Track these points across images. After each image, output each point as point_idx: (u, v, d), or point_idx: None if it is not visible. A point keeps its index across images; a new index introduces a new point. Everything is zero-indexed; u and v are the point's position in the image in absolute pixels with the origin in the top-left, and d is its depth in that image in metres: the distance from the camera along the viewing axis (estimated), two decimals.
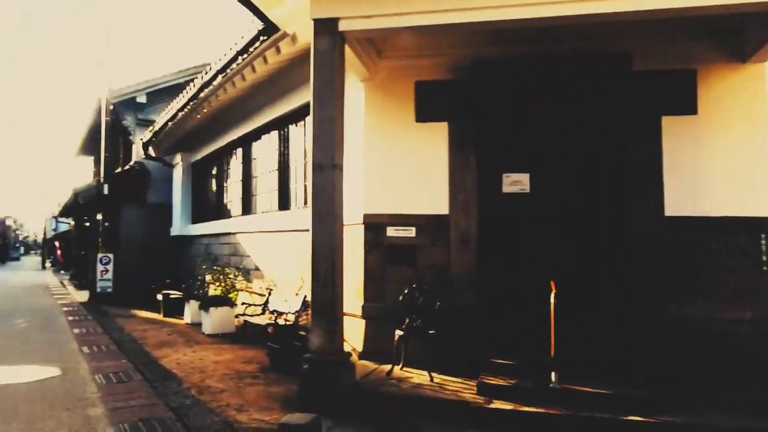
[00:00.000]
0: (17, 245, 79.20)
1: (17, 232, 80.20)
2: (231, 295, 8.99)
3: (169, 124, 11.08)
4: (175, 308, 10.62)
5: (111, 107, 13.61)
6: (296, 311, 7.13)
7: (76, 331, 8.96)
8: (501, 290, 5.85)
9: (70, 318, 10.64)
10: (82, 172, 28.39)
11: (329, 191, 4.83)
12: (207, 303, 8.53)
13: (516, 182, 6.00)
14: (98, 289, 13.07)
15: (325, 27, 4.91)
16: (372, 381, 5.25)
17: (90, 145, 20.55)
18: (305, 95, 7.72)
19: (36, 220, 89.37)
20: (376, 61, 6.17)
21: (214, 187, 11.90)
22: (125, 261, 13.53)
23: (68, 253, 33.75)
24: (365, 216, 6.22)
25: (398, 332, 5.52)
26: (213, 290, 10.06)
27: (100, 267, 13.09)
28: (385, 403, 4.81)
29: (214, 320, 8.36)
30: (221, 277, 9.53)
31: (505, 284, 5.86)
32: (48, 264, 46.05)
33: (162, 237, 13.66)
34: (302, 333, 6.47)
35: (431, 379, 5.23)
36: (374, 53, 6.06)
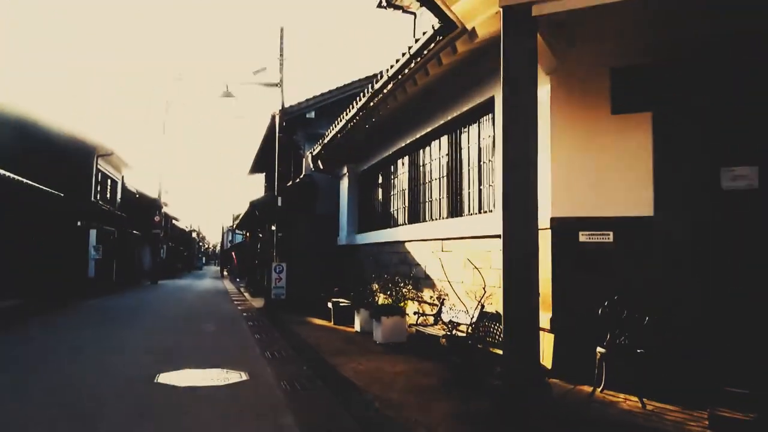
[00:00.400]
0: (200, 255, 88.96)
1: (200, 244, 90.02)
2: (400, 305, 8.87)
3: (338, 136, 11.41)
4: (344, 316, 10.81)
5: (283, 124, 14.43)
6: (473, 323, 6.74)
7: (257, 336, 9.42)
8: (727, 304, 4.94)
9: (250, 323, 11.31)
10: (255, 188, 30.84)
11: (524, 191, 4.38)
12: (378, 312, 8.47)
13: (740, 176, 5.06)
14: (272, 296, 13.83)
15: (516, 14, 4.50)
16: (572, 403, 4.66)
17: (262, 162, 22.17)
18: (477, 95, 7.42)
19: (215, 232, 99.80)
20: (565, 50, 5.61)
21: (380, 196, 12.01)
22: (297, 269, 14.21)
23: (243, 262, 36.86)
24: (552, 220, 5.66)
25: (599, 350, 4.87)
26: (382, 299, 10.06)
27: (274, 275, 13.86)
28: (593, 430, 4.21)
29: (385, 329, 8.27)
30: (390, 285, 9.46)
31: (731, 297, 4.94)
32: (225, 272, 50.90)
33: (330, 246, 14.13)
34: (480, 346, 6.07)
35: (643, 406, 4.51)
36: (563, 41, 5.51)
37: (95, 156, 20.79)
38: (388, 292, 9.26)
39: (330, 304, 11.25)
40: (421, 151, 9.69)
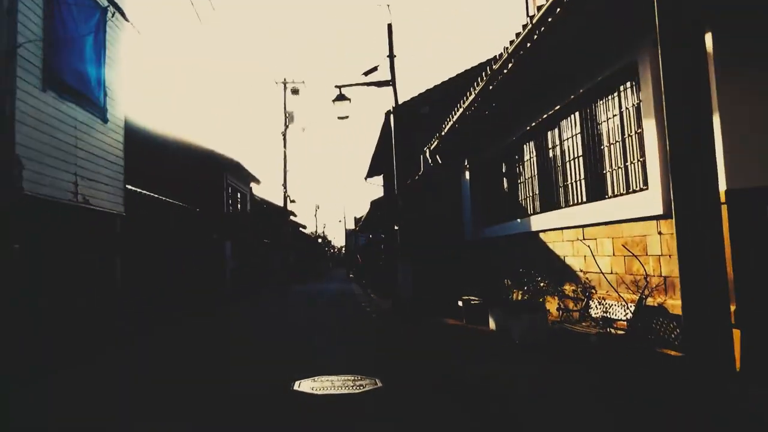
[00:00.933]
0: (327, 260, 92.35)
1: (326, 248, 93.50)
2: (539, 300, 8.14)
3: (456, 127, 10.88)
4: (476, 315, 10.25)
5: (397, 121, 14.14)
6: (631, 318, 5.90)
7: (387, 338, 9.16)
8: None
9: (379, 324, 11.12)
10: (375, 190, 31.09)
11: (698, 161, 3.59)
12: (514, 309, 7.82)
13: None
14: (400, 297, 13.59)
15: None
16: None
17: (379, 164, 22.15)
18: (615, 61, 6.54)
19: (339, 236, 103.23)
20: None
21: (505, 186, 11.30)
22: (422, 268, 13.87)
23: (368, 263, 37.42)
24: (729, 193, 4.73)
25: None
26: (516, 295, 9.38)
27: (400, 276, 13.61)
28: None
29: (523, 328, 7.60)
30: (524, 280, 8.75)
31: None
32: (351, 275, 52.17)
33: (455, 243, 13.63)
34: (643, 346, 5.26)
35: None
36: None
37: (224, 170, 21.98)
38: (524, 288, 8.56)
39: (460, 303, 10.74)
40: (549, 132, 8.88)
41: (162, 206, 14.33)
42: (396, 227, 14.04)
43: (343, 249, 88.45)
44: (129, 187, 11.57)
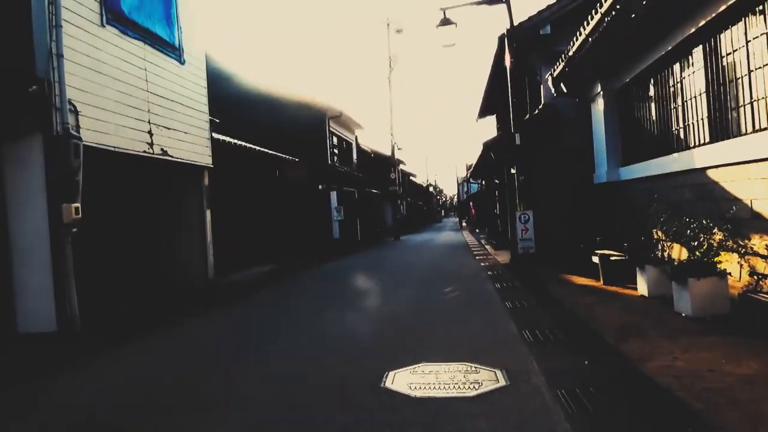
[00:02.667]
0: (438, 208, 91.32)
1: (437, 197, 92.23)
2: (714, 260, 6.10)
3: (587, 43, 8.71)
4: (617, 273, 8.36)
5: (513, 45, 12.04)
6: None
7: (508, 304, 7.57)
8: None
9: (497, 285, 9.53)
10: (486, 133, 28.92)
11: None
12: (682, 271, 5.86)
13: None
14: (519, 250, 11.86)
15: None
16: None
17: (491, 102, 20.00)
18: None
19: (450, 184, 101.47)
20: None
21: (653, 113, 8.99)
22: (544, 217, 12.01)
23: (481, 212, 35.58)
24: None
25: None
26: (671, 251, 7.35)
27: (519, 226, 11.84)
28: None
29: (695, 296, 5.66)
30: (687, 232, 6.71)
31: None
32: (464, 223, 50.55)
33: (584, 186, 11.54)
34: None
35: None
36: None
37: (326, 119, 20.99)
38: (689, 242, 6.53)
39: (596, 259, 8.86)
40: (722, 35, 6.56)
41: (259, 156, 13.52)
42: (513, 170, 12.18)
43: (455, 198, 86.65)
44: (217, 136, 10.70)
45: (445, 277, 11.11)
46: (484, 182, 32.10)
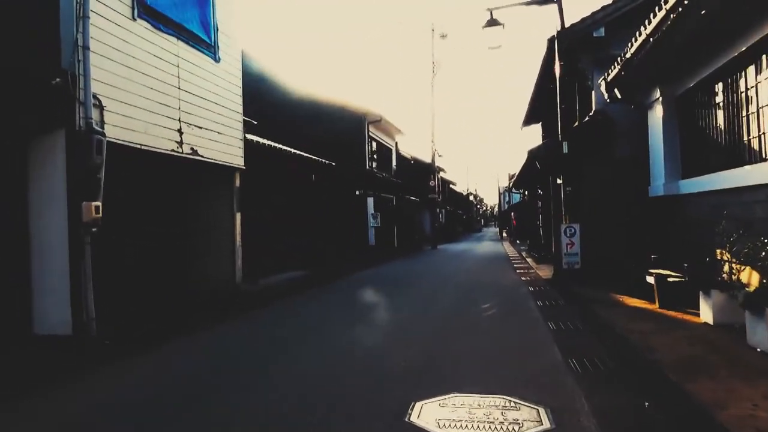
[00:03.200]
0: (478, 218, 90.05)
1: (477, 206, 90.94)
2: None
3: (647, 44, 7.99)
4: (676, 297, 7.60)
5: (563, 48, 11.34)
6: None
7: (552, 325, 6.91)
8: None
9: (539, 303, 8.85)
10: (531, 143, 28.02)
11: None
12: (759, 298, 5.11)
13: None
14: (564, 265, 11.12)
15: None
16: None
17: (538, 109, 19.22)
18: None
19: (491, 193, 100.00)
20: None
21: (720, 121, 8.16)
22: (592, 231, 11.25)
23: (522, 223, 34.57)
24: None
25: None
26: (744, 276, 6.55)
27: (564, 239, 11.10)
28: None
29: None
30: (762, 254, 5.94)
31: None
32: (504, 234, 49.42)
33: (636, 200, 10.72)
34: None
35: None
36: None
37: (365, 123, 20.60)
38: (758, 264, 5.77)
39: (651, 279, 8.09)
40: None
41: (293, 159, 13.17)
42: (559, 180, 11.46)
43: (496, 207, 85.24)
44: (250, 137, 10.37)
45: (483, 292, 10.46)
46: (526, 193, 31.17)
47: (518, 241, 35.02)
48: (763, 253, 5.91)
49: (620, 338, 5.98)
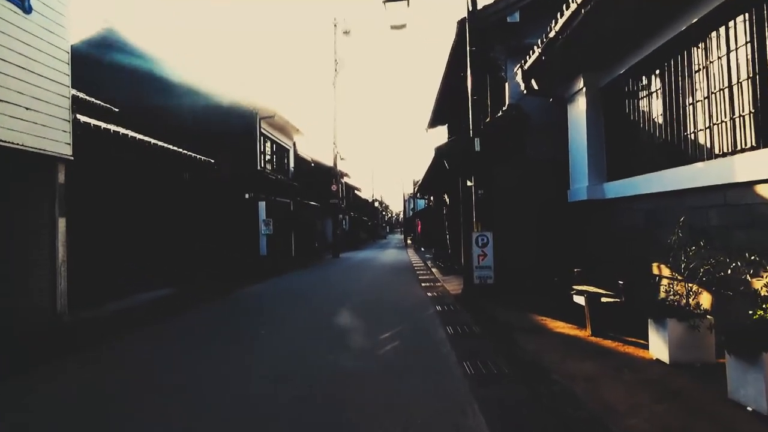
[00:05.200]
0: (384, 225, 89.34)
1: (383, 213, 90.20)
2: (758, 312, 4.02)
3: (572, 25, 6.71)
4: (610, 321, 6.29)
5: (476, 34, 9.96)
6: None
7: (468, 369, 5.26)
8: None
9: (450, 330, 7.25)
10: (436, 144, 27.02)
11: None
12: (747, 337, 3.73)
13: None
14: (476, 280, 9.68)
15: None
16: None
17: (444, 109, 18.02)
18: None
19: (396, 200, 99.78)
20: None
21: (655, 115, 6.98)
22: (506, 240, 9.93)
23: (428, 230, 33.63)
24: None
25: None
26: (704, 299, 5.27)
27: (475, 249, 9.66)
28: None
29: None
30: (713, 268, 4.68)
31: None
32: (409, 241, 48.51)
33: (555, 204, 9.52)
34: None
35: None
36: None
37: (257, 119, 18.41)
38: (706, 280, 4.47)
39: (580, 299, 6.75)
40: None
41: (156, 153, 10.80)
42: (470, 182, 10.03)
43: (401, 214, 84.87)
44: (86, 120, 7.99)
45: (383, 316, 8.70)
46: (431, 198, 30.22)
47: (423, 249, 34.02)
48: (713, 265, 4.63)
49: (563, 392, 4.42)
